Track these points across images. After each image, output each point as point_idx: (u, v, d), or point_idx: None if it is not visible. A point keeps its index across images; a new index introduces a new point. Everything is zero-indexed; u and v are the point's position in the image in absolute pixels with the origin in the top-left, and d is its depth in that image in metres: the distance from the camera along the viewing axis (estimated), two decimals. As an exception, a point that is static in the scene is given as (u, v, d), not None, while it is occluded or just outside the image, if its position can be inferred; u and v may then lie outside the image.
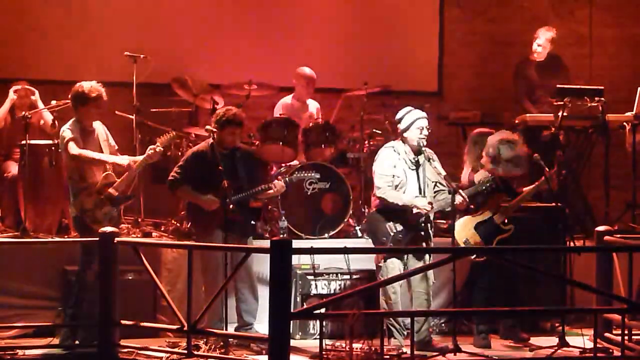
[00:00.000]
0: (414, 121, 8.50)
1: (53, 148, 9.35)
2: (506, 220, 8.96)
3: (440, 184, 8.49)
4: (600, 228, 8.91)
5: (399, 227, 8.42)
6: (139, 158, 8.55)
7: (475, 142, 9.14)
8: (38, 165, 9.40)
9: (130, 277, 8.61)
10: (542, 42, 10.92)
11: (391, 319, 8.48)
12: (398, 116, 8.61)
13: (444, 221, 9.19)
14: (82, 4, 11.18)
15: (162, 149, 8.49)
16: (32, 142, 9.34)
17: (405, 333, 8.47)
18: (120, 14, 11.25)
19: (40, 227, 9.38)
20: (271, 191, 8.71)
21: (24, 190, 9.34)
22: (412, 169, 8.52)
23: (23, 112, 9.59)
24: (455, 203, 8.35)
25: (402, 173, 8.49)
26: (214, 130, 8.50)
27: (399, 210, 8.44)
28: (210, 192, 8.45)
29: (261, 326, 8.40)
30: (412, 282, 8.53)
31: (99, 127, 8.56)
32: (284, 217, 9.65)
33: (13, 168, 9.73)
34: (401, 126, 8.56)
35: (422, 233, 8.49)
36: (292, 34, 11.77)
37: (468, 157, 9.18)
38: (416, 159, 8.52)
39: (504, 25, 12.36)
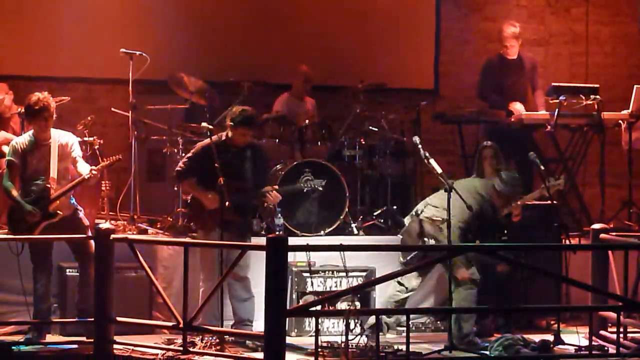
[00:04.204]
0: None
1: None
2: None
3: None
4: (596, 226, 8.93)
5: None
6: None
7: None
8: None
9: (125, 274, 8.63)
10: (509, 39, 10.76)
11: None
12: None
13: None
14: (79, 1, 11.16)
15: (96, 173, 8.27)
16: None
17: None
18: (116, 11, 11.23)
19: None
20: (265, 198, 8.67)
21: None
22: None
23: (19, 109, 9.57)
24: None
25: None
26: (211, 128, 8.45)
27: None
28: (214, 189, 8.36)
29: (257, 323, 8.40)
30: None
31: (61, 139, 8.36)
32: (280, 214, 9.64)
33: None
34: None
35: None
36: (288, 31, 11.75)
37: None
38: None
39: (500, 23, 12.31)
